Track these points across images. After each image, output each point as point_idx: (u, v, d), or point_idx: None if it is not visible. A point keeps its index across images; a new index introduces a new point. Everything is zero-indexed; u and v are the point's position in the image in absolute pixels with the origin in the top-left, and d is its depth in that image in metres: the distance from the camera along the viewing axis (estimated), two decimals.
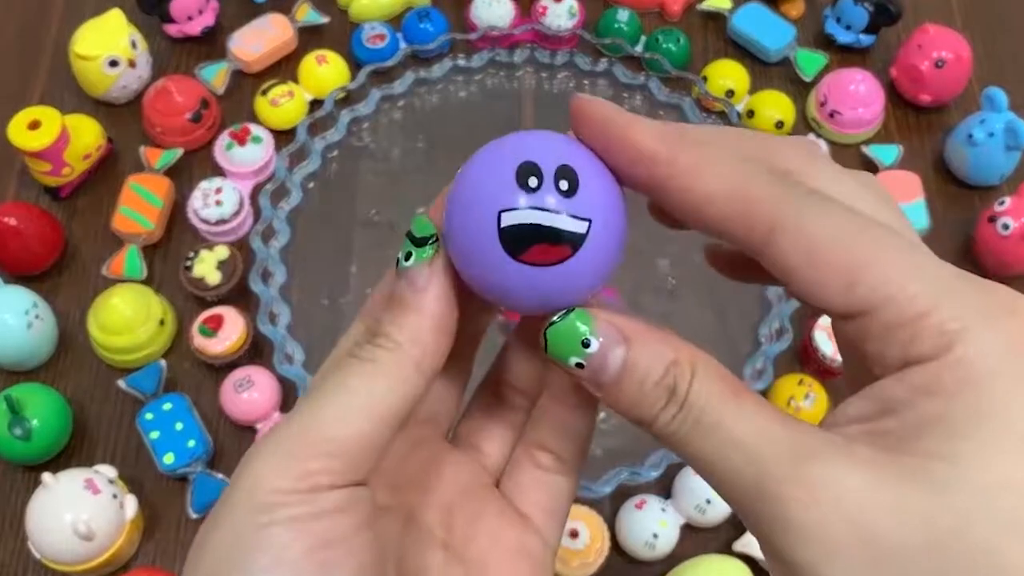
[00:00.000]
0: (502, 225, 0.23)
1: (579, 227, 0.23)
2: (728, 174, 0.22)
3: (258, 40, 0.74)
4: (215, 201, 0.65)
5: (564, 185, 0.23)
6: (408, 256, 0.24)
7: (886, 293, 0.20)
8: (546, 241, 0.23)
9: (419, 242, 0.24)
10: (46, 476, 0.53)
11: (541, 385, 0.28)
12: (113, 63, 0.70)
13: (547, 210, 0.22)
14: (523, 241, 0.23)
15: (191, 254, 0.64)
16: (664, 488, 0.58)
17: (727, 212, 0.22)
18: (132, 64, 0.71)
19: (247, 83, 0.74)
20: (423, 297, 0.24)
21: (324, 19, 0.76)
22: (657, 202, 0.24)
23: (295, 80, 0.72)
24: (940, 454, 0.19)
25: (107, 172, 0.70)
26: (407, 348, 0.24)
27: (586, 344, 0.23)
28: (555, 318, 0.24)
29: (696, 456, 0.22)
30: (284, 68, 0.74)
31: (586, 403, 0.27)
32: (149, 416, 0.59)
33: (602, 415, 0.60)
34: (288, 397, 0.61)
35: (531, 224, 0.22)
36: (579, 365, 0.23)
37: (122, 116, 0.72)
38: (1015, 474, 0.19)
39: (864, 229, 0.21)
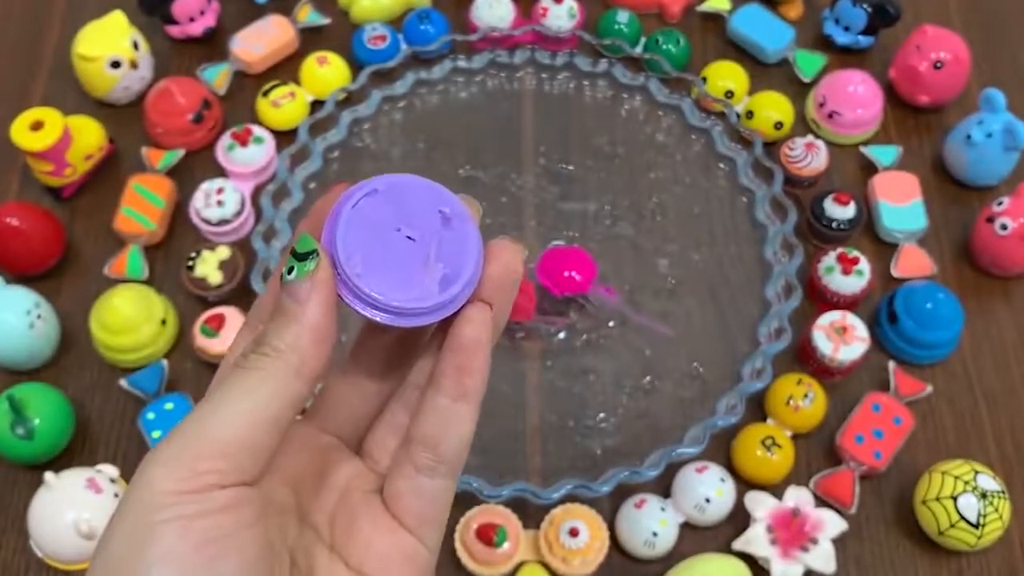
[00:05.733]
0: None
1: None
2: None
3: (259, 41, 0.74)
4: (217, 201, 0.66)
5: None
6: (291, 270, 0.26)
7: None
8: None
9: (301, 257, 0.26)
10: (48, 475, 0.54)
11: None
12: (115, 64, 0.70)
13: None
14: None
15: (193, 254, 0.64)
16: (663, 487, 0.58)
17: None
18: (134, 65, 0.71)
19: (248, 84, 0.74)
20: (304, 309, 0.26)
21: (325, 20, 0.76)
22: None
23: (296, 81, 0.73)
24: None
25: (109, 173, 0.70)
26: (288, 356, 0.26)
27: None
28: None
29: None
30: (285, 69, 0.74)
31: (464, 395, 0.27)
32: (151, 416, 0.59)
33: (601, 415, 0.61)
34: None
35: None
36: None
37: (124, 117, 0.72)
38: None
39: None
